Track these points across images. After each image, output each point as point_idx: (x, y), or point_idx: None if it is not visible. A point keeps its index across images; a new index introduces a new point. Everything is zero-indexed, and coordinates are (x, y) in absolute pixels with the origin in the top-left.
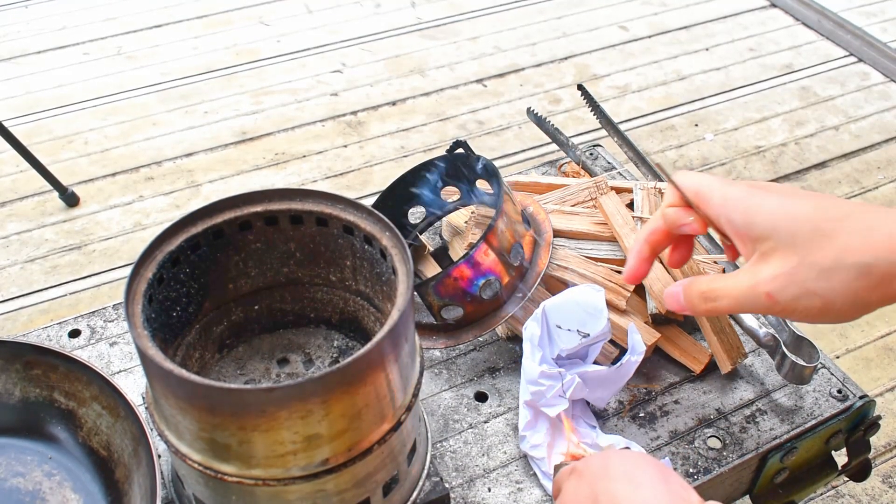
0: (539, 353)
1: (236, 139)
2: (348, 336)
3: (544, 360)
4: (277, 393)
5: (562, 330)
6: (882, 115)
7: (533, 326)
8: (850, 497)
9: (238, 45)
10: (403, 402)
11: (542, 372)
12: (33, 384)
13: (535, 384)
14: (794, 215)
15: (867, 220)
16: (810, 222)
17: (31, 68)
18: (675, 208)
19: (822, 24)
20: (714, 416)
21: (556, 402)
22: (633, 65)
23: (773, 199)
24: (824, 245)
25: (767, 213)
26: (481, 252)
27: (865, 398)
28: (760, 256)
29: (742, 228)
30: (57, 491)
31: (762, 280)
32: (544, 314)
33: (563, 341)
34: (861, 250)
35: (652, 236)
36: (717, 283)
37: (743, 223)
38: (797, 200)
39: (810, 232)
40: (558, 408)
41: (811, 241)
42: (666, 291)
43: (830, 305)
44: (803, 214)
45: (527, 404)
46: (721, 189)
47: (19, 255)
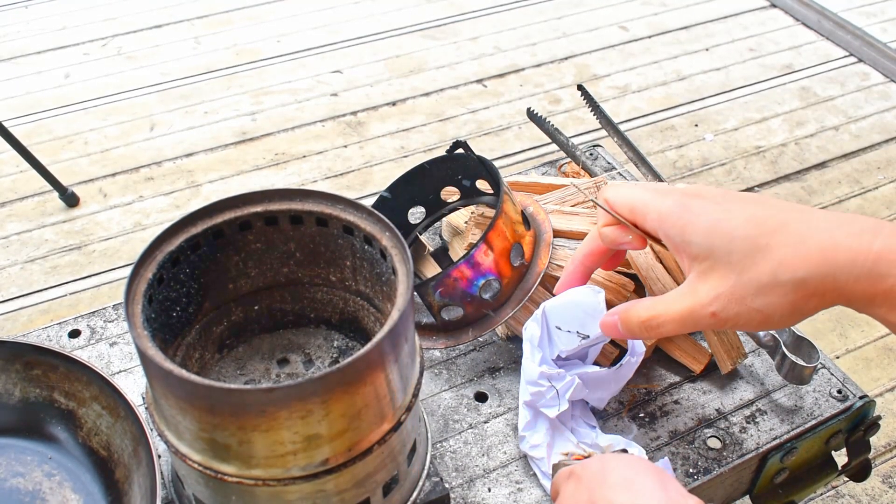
0: (539, 353)
1: (236, 139)
2: (348, 336)
3: (544, 361)
4: (277, 393)
5: (561, 331)
6: (882, 115)
7: (533, 327)
8: (850, 497)
9: (238, 45)
10: (403, 402)
11: (542, 373)
12: (33, 384)
13: (534, 385)
14: (728, 232)
15: (800, 232)
16: (746, 239)
17: (31, 68)
18: (612, 227)
19: (822, 25)
20: (714, 416)
21: (555, 403)
22: (633, 65)
23: (708, 215)
24: (759, 261)
25: (703, 231)
26: (481, 252)
27: (865, 398)
28: (698, 275)
29: (679, 246)
30: (57, 491)
31: (703, 301)
32: (544, 315)
33: (562, 342)
34: (794, 265)
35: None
36: (657, 308)
37: (680, 241)
38: (732, 213)
39: (746, 248)
40: (558, 409)
41: (747, 258)
42: (601, 321)
43: (770, 318)
44: (738, 230)
45: (526, 405)
46: (655, 203)
47: (19, 255)
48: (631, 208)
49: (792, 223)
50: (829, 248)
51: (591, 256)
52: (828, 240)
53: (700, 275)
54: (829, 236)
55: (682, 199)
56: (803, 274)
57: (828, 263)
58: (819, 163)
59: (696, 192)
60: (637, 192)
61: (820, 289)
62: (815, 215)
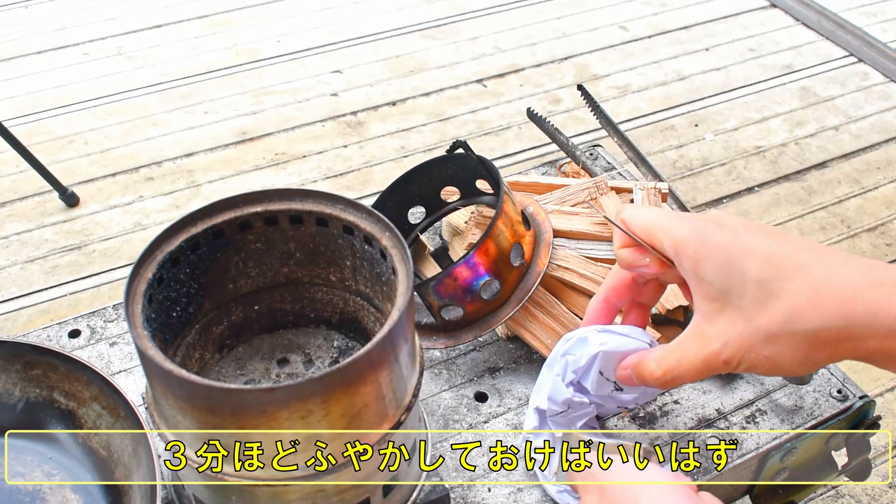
0: (572, 377)
1: (236, 139)
2: (348, 336)
3: (574, 387)
4: (277, 393)
5: (602, 377)
6: (882, 115)
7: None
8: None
9: (238, 45)
10: (403, 402)
11: (569, 399)
12: (33, 384)
13: (556, 405)
14: (742, 273)
15: (818, 279)
16: (759, 283)
17: (31, 68)
18: (629, 249)
19: (822, 24)
20: (714, 416)
21: (566, 426)
22: (633, 65)
23: (723, 251)
24: (770, 307)
25: (716, 270)
26: (481, 252)
27: (865, 398)
28: (706, 316)
29: (692, 280)
30: (57, 491)
31: (714, 348)
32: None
33: (595, 386)
34: (808, 315)
35: (612, 294)
36: (668, 360)
37: (693, 275)
38: (748, 252)
39: (758, 293)
40: (566, 429)
41: (759, 303)
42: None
43: (779, 366)
44: (752, 272)
45: (538, 410)
46: (671, 229)
47: (19, 255)
48: (648, 231)
49: (810, 268)
50: (847, 299)
51: (616, 291)
52: (847, 290)
53: (708, 316)
54: (849, 286)
55: (699, 228)
56: (817, 325)
57: (845, 316)
58: (819, 163)
59: (715, 220)
60: (654, 215)
61: (834, 341)
62: (836, 260)
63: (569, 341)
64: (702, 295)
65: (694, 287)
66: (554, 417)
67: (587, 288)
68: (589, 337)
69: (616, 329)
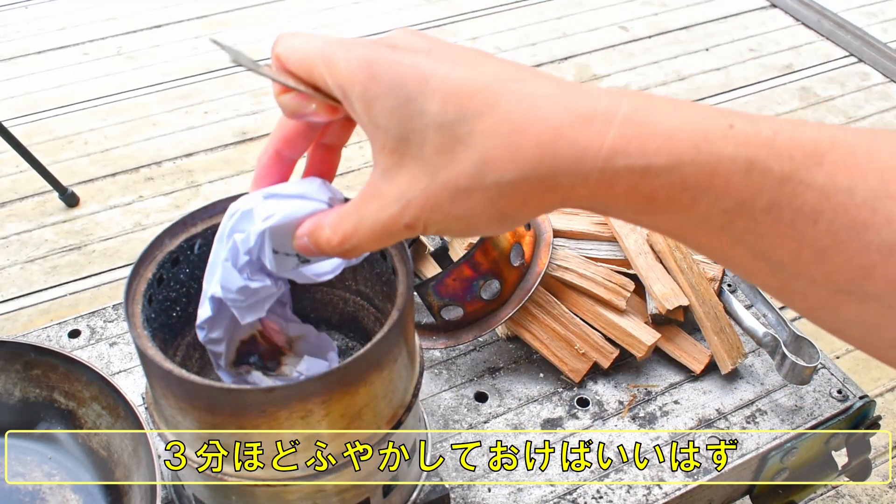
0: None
1: (236, 139)
2: (348, 336)
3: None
4: (277, 393)
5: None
6: (882, 115)
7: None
8: (850, 497)
9: (238, 45)
10: (403, 402)
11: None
12: (33, 384)
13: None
14: (421, 114)
15: (514, 116)
16: (442, 128)
17: (31, 68)
18: (290, 94)
19: (822, 25)
20: (714, 416)
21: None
22: (633, 65)
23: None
24: (459, 156)
25: (391, 113)
26: (481, 252)
27: (865, 398)
28: (384, 173)
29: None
30: (57, 491)
31: (393, 212)
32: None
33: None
34: (502, 165)
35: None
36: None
37: (366, 121)
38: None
39: (442, 141)
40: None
41: (443, 152)
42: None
43: (473, 226)
44: (434, 114)
45: (213, 299)
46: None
47: (19, 255)
48: (308, 68)
49: (505, 102)
50: (548, 141)
51: (287, 141)
52: (548, 129)
53: (387, 172)
54: (550, 124)
55: (370, 58)
56: (514, 176)
57: (546, 162)
58: None
59: (391, 44)
60: (315, 45)
61: (537, 193)
62: (538, 89)
63: (234, 216)
64: (379, 146)
65: (369, 135)
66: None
67: (587, 288)
68: (254, 209)
69: (286, 190)
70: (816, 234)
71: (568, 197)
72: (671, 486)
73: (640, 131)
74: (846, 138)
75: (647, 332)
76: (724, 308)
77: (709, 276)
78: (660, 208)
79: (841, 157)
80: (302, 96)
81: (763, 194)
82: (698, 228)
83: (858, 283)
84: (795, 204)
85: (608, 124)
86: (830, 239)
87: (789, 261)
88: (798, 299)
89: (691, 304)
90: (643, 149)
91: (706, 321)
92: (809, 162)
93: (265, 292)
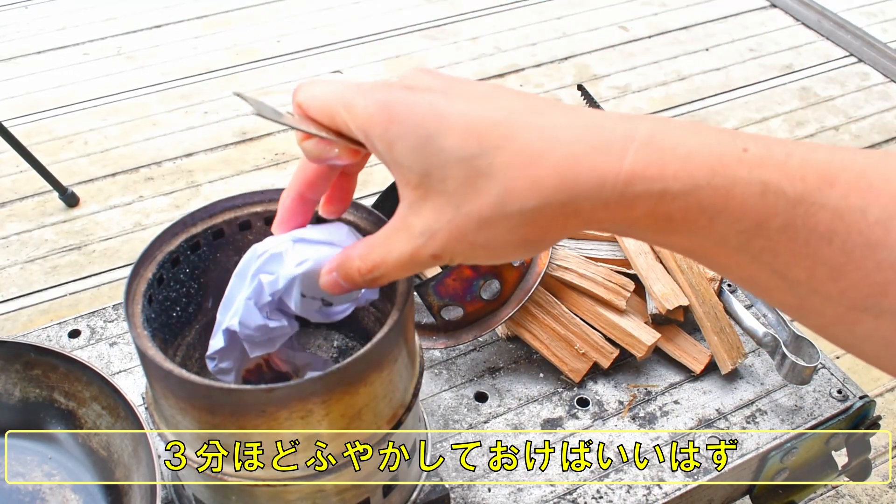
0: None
1: (236, 139)
2: (348, 336)
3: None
4: (277, 393)
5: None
6: (882, 115)
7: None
8: (850, 497)
9: (238, 45)
10: (403, 402)
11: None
12: (33, 384)
13: (249, 330)
14: (440, 151)
15: (531, 148)
16: (462, 162)
17: (31, 68)
18: (313, 140)
19: (822, 25)
20: (714, 416)
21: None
22: (633, 65)
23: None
24: (481, 188)
25: (413, 150)
26: None
27: (866, 398)
28: (411, 206)
29: (390, 166)
30: (57, 491)
31: (419, 243)
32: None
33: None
34: (523, 194)
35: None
36: (373, 257)
37: (389, 160)
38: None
39: (463, 174)
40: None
41: (466, 185)
42: (321, 281)
43: (498, 254)
44: (454, 149)
45: (227, 331)
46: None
47: (19, 255)
48: (329, 114)
49: (521, 134)
50: (567, 168)
51: (310, 185)
52: (567, 157)
53: (413, 205)
54: (568, 151)
55: (387, 101)
56: (534, 203)
57: (567, 189)
58: None
59: (408, 85)
60: (334, 91)
61: (559, 219)
62: (554, 120)
63: (261, 256)
64: (403, 182)
65: (394, 172)
66: (250, 339)
67: (587, 288)
68: (284, 253)
69: (315, 236)
70: (831, 253)
71: (589, 220)
72: (671, 486)
73: (657, 156)
74: (858, 160)
75: (647, 332)
76: (724, 308)
77: (709, 276)
78: (678, 229)
79: (853, 179)
80: (324, 142)
81: (778, 215)
82: (716, 248)
83: (874, 299)
84: (809, 224)
85: (625, 150)
86: (845, 257)
87: (805, 278)
88: (814, 316)
89: (691, 304)
90: (661, 173)
91: (706, 321)
92: (822, 183)
93: (281, 331)
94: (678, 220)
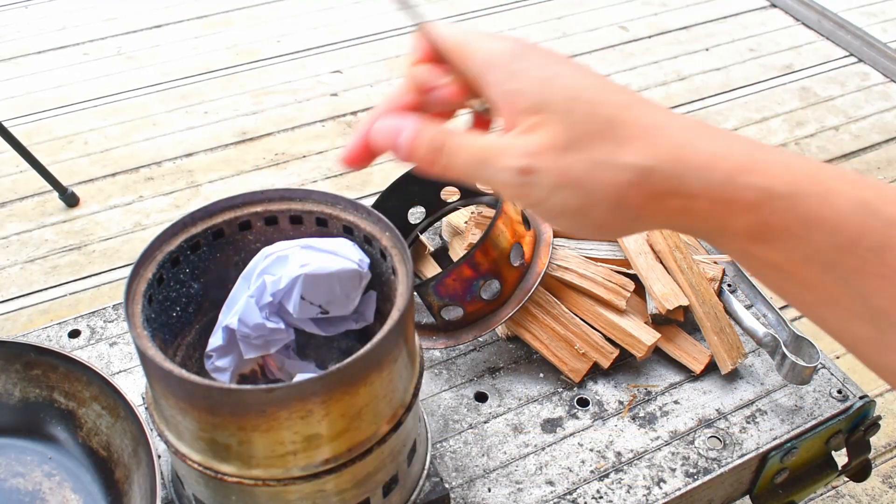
0: (269, 300)
1: (236, 139)
2: (348, 336)
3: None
4: (277, 393)
5: (304, 301)
6: (882, 115)
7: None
8: (850, 497)
9: (238, 45)
10: (403, 402)
11: (263, 325)
12: (33, 384)
13: (247, 328)
14: (572, 89)
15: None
16: (590, 103)
17: (32, 68)
18: (427, 65)
19: (822, 25)
20: (714, 416)
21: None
22: (632, 65)
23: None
24: (604, 132)
25: (539, 81)
26: (481, 252)
27: (866, 398)
28: (524, 129)
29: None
30: (57, 491)
31: (520, 150)
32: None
33: (300, 311)
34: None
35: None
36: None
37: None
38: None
39: (588, 112)
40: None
41: (588, 124)
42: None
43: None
44: (584, 91)
45: (226, 329)
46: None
47: (19, 255)
48: (457, 43)
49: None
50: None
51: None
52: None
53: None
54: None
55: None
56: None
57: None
58: None
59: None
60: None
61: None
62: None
63: (269, 257)
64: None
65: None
66: (246, 339)
67: (587, 288)
68: (290, 255)
69: (322, 245)
70: None
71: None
72: (671, 486)
73: (762, 157)
74: None
75: (647, 332)
76: (724, 308)
77: (709, 276)
78: (774, 237)
79: None
80: (439, 67)
81: (873, 233)
82: (805, 264)
83: None
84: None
85: (733, 143)
86: None
87: (888, 307)
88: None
89: (691, 304)
90: (767, 171)
91: (706, 321)
92: None
93: (277, 335)
94: (775, 226)
